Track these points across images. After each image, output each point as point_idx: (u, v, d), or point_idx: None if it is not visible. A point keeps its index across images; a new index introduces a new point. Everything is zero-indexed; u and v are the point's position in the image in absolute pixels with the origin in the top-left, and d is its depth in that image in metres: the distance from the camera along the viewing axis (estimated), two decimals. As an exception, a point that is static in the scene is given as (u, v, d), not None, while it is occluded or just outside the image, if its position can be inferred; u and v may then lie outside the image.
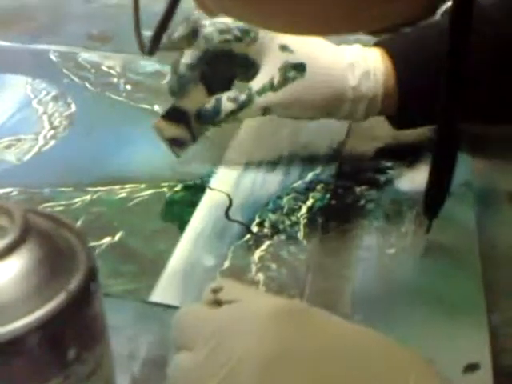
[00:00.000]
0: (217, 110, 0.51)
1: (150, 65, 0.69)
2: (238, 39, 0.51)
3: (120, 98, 0.64)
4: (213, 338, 0.31)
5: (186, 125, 0.52)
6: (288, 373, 0.29)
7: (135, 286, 0.43)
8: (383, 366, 0.29)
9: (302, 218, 0.49)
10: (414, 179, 0.53)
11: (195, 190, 0.52)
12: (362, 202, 0.51)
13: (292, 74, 0.51)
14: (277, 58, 0.51)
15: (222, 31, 0.51)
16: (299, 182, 0.53)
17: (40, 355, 0.18)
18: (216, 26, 0.51)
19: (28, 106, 0.63)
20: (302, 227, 0.48)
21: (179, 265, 0.45)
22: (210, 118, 0.51)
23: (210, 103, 0.51)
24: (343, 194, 0.52)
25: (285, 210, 0.50)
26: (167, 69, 0.68)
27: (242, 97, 0.51)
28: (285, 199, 0.51)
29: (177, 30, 0.50)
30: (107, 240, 0.47)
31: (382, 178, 0.54)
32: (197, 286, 0.43)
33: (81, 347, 0.20)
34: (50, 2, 0.85)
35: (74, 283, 0.19)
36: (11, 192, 0.51)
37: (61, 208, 0.49)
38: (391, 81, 0.52)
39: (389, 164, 0.55)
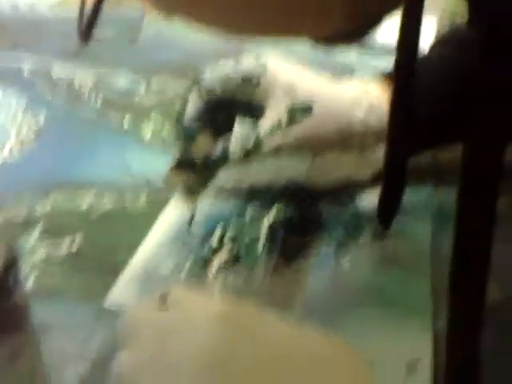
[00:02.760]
0: (224, 156, 0.50)
1: (122, 81, 0.70)
2: (241, 88, 0.51)
3: (90, 114, 0.65)
4: (155, 339, 0.32)
5: (195, 172, 0.52)
6: (223, 378, 0.30)
7: (91, 290, 0.43)
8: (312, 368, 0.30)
9: (262, 232, 0.50)
10: (376, 196, 0.54)
11: (159, 202, 0.52)
12: (324, 216, 0.52)
13: (299, 114, 0.51)
14: (282, 100, 0.51)
15: (223, 81, 0.51)
16: (264, 193, 0.54)
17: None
18: (217, 75, 0.51)
19: (-3, 118, 0.64)
20: (262, 240, 0.49)
21: (136, 271, 0.45)
22: (218, 165, 0.51)
23: (216, 151, 0.51)
24: (306, 208, 0.53)
25: (247, 223, 0.50)
26: (139, 86, 0.69)
27: (249, 143, 0.50)
28: (248, 213, 0.52)
29: None
30: (66, 246, 0.47)
31: (345, 195, 0.54)
32: (152, 293, 0.43)
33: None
34: (25, 18, 0.86)
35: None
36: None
37: (22, 216, 0.49)
38: None
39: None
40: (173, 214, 0.51)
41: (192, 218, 0.51)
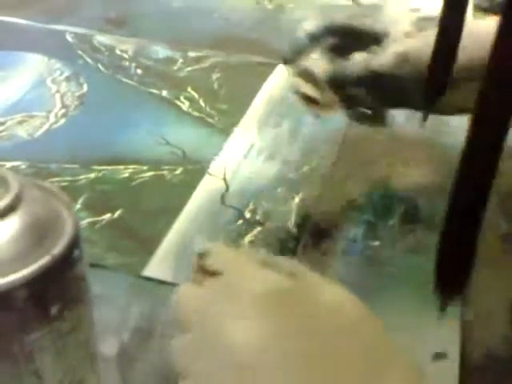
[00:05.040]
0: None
1: (161, 51, 0.72)
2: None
3: (130, 82, 0.67)
4: (203, 320, 0.31)
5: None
6: (275, 363, 0.29)
7: (130, 261, 0.45)
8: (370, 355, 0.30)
9: (294, 208, 0.51)
10: (407, 176, 0.55)
11: (195, 175, 0.54)
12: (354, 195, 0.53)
13: (425, 24, 0.50)
14: (407, 18, 0.52)
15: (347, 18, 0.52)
16: (295, 173, 0.55)
17: (25, 310, 0.21)
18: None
19: (42, 84, 0.66)
20: (293, 216, 0.51)
21: (173, 244, 0.47)
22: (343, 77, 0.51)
23: (338, 64, 0.51)
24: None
25: (278, 199, 0.52)
26: (178, 55, 0.71)
27: (374, 48, 0.50)
28: (279, 189, 0.53)
29: None
30: (107, 216, 0.49)
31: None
32: (187, 264, 0.45)
33: (62, 306, 0.22)
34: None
35: (58, 248, 0.22)
36: (20, 165, 0.54)
37: (66, 183, 0.52)
38: None
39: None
40: (206, 188, 0.53)
41: (226, 191, 0.53)
